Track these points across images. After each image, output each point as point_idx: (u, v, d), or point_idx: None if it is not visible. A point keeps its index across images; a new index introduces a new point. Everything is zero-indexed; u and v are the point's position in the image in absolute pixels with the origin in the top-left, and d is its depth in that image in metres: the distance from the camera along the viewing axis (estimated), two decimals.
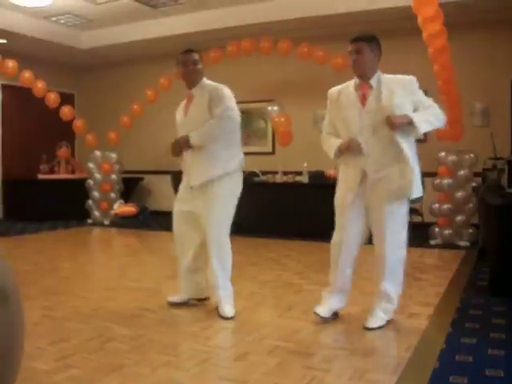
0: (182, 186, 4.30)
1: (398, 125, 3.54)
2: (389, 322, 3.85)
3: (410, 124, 3.55)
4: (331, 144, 3.83)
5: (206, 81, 4.22)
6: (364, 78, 3.73)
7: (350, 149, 3.69)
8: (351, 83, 3.82)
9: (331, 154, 3.82)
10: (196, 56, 4.16)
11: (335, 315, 3.95)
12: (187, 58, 4.14)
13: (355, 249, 3.87)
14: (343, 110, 3.76)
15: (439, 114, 3.71)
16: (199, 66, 4.16)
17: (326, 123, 3.98)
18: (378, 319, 3.78)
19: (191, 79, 4.16)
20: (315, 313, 3.85)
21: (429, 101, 3.75)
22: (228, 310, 4.05)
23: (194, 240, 4.24)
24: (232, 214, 4.16)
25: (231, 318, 3.98)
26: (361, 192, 3.74)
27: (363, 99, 3.70)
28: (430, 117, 3.65)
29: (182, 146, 4.04)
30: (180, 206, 4.25)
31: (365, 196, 3.74)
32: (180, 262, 4.35)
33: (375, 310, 3.82)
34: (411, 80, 3.80)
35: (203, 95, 4.08)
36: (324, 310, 3.87)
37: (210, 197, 4.02)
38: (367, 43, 3.70)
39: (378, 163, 3.67)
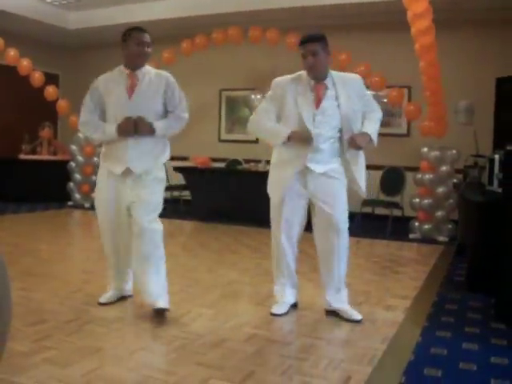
0: (106, 174, 3.85)
1: (362, 146, 3.68)
2: (365, 314, 3.90)
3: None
4: (276, 130, 3.79)
5: (146, 65, 3.89)
6: (319, 79, 3.69)
7: (301, 140, 3.66)
8: (302, 79, 3.75)
9: (277, 140, 3.79)
10: (149, 37, 3.82)
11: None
12: (144, 38, 3.77)
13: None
14: (299, 107, 3.68)
15: (380, 115, 3.86)
16: (150, 50, 3.84)
17: (262, 109, 3.86)
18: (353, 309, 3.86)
19: (140, 61, 3.80)
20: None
21: (372, 102, 3.86)
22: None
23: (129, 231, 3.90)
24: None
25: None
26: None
27: (318, 101, 3.67)
28: (376, 125, 3.79)
29: (139, 128, 3.67)
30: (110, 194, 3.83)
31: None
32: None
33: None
34: (360, 81, 3.81)
35: (154, 82, 3.78)
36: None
37: (148, 184, 3.75)
38: (320, 44, 3.63)
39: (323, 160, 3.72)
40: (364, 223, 7.80)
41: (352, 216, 3.98)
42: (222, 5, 8.81)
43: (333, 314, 3.85)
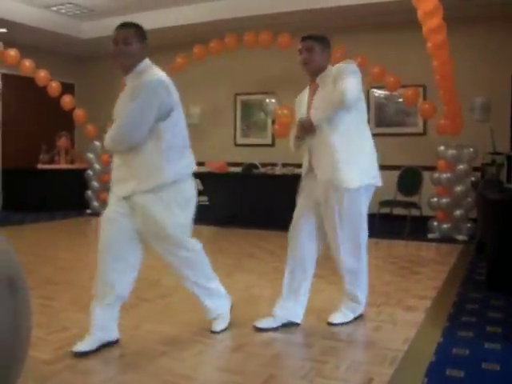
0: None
1: (308, 128, 3.52)
2: (385, 315, 3.88)
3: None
4: (290, 137, 3.78)
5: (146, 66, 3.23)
6: (314, 77, 3.67)
7: (303, 129, 3.57)
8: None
9: (291, 146, 3.76)
10: (132, 32, 3.19)
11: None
12: (118, 35, 3.17)
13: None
14: (301, 110, 3.74)
15: (339, 97, 3.37)
16: (133, 46, 3.16)
17: None
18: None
19: (119, 63, 3.19)
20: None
21: (341, 82, 3.40)
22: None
23: None
24: None
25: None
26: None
27: (310, 99, 3.68)
28: (326, 103, 3.49)
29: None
30: None
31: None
32: None
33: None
34: (343, 66, 3.53)
35: (131, 88, 3.19)
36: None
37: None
38: (318, 42, 3.61)
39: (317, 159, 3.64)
40: (382, 224, 7.76)
41: (371, 217, 3.93)
42: (234, 10, 8.82)
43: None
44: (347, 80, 3.39)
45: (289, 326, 3.67)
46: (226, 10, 8.91)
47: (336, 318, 3.75)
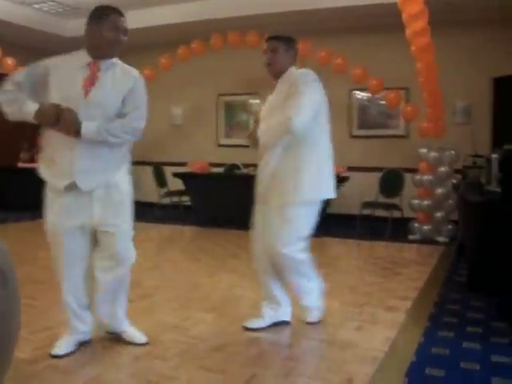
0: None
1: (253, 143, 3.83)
2: (367, 315, 3.91)
3: None
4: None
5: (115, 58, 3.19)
6: (276, 78, 3.62)
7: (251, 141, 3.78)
8: None
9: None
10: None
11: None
12: (123, 23, 3.11)
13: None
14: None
15: (288, 120, 3.32)
16: (126, 38, 3.14)
17: None
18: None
19: (113, 51, 3.13)
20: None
21: (295, 100, 3.35)
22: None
23: None
24: None
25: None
26: None
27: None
28: (274, 128, 3.48)
29: (62, 122, 2.99)
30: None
31: None
32: None
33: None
34: (300, 74, 3.47)
35: (119, 80, 3.12)
36: None
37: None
38: (282, 43, 3.57)
39: None
40: (363, 225, 7.81)
41: (352, 218, 3.97)
42: (219, 10, 8.81)
43: None
44: (299, 101, 3.32)
45: (278, 324, 3.69)
46: (211, 10, 8.89)
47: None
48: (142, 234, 7.99)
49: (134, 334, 3.36)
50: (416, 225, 7.49)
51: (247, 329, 3.62)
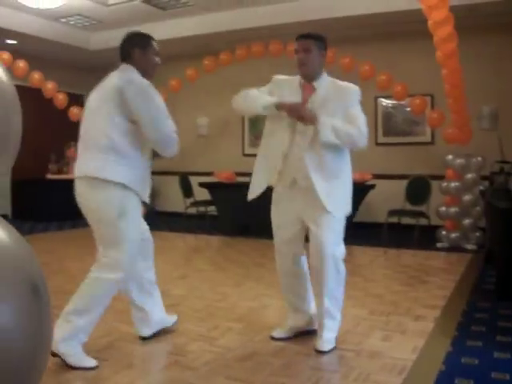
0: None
1: (307, 118, 3.32)
2: (394, 324, 3.88)
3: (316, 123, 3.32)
4: (266, 98, 3.59)
5: None
6: (309, 78, 3.46)
7: (301, 114, 3.35)
8: (296, 80, 3.55)
9: (263, 104, 3.54)
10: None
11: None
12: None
13: None
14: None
15: (356, 135, 3.32)
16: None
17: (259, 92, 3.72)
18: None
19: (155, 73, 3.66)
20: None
21: (357, 119, 3.35)
22: None
23: None
24: None
25: None
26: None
27: (304, 101, 3.44)
28: (342, 131, 3.30)
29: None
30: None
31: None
32: None
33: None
34: (353, 91, 3.44)
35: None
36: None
37: None
38: (316, 42, 3.42)
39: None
40: (390, 233, 7.76)
41: (379, 226, 3.94)
42: (243, 21, 8.88)
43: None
44: (362, 120, 3.35)
45: (305, 334, 3.67)
46: (235, 21, 8.96)
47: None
48: (168, 244, 8.04)
49: None
50: (444, 232, 7.43)
51: (274, 338, 3.62)
